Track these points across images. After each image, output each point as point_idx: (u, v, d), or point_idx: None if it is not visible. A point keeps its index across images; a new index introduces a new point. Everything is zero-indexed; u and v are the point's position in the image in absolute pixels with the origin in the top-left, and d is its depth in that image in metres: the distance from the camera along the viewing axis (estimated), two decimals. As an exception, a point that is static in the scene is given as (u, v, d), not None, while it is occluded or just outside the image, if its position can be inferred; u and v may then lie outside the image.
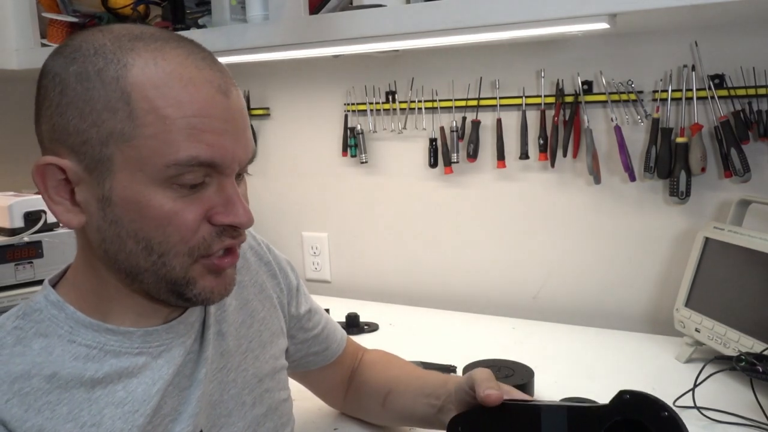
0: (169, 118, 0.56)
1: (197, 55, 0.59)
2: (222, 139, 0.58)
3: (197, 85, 0.57)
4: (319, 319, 0.89)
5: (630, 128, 1.34)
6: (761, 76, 1.21)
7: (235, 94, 0.61)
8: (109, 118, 0.56)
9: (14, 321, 0.61)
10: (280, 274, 0.84)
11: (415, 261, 1.63)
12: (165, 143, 0.56)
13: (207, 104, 0.57)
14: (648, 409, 0.58)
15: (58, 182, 0.59)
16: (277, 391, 0.78)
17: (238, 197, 0.60)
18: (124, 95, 0.55)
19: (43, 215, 1.37)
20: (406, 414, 0.86)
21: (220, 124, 0.58)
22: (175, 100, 0.56)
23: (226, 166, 0.59)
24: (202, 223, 0.60)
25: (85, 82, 0.56)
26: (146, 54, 0.57)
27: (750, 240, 1.09)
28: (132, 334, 0.63)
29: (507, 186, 1.49)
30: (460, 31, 1.11)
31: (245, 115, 0.62)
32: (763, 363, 0.92)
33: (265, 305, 0.80)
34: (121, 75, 0.56)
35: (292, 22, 1.24)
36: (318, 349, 0.89)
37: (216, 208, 0.60)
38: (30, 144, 0.67)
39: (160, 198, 0.57)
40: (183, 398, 0.66)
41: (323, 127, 1.70)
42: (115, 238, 0.59)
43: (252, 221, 0.62)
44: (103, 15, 1.51)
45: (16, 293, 1.32)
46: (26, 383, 0.57)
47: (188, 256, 0.60)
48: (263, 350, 0.77)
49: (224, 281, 0.64)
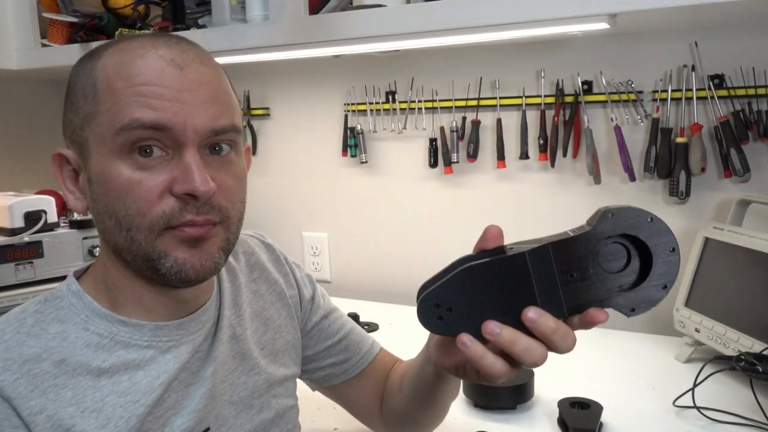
0: (120, 90, 0.59)
1: (160, 40, 0.62)
2: (171, 105, 0.59)
3: (147, 59, 0.60)
4: (337, 329, 0.86)
5: (630, 128, 1.35)
6: (761, 76, 1.21)
7: (196, 69, 0.61)
8: (84, 103, 0.61)
9: (36, 305, 0.64)
10: (296, 285, 0.84)
11: (415, 261, 1.63)
12: (115, 113, 0.59)
13: (155, 75, 0.59)
14: (634, 219, 0.55)
15: (69, 172, 0.65)
16: (285, 398, 0.79)
17: (198, 166, 0.59)
18: (92, 81, 0.61)
19: (43, 215, 1.37)
20: (413, 383, 0.78)
21: (167, 91, 0.59)
22: (125, 74, 0.59)
23: (179, 132, 0.59)
24: (164, 196, 0.60)
25: (76, 80, 0.63)
26: (119, 46, 0.62)
27: (750, 240, 1.09)
28: (143, 327, 0.65)
29: (507, 186, 1.49)
30: (460, 31, 1.11)
31: (208, 89, 0.61)
32: (762, 363, 0.92)
33: (282, 314, 0.81)
34: (94, 65, 0.62)
35: (292, 22, 1.24)
36: (335, 360, 0.85)
37: (176, 179, 0.60)
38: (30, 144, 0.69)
39: (120, 168, 0.59)
40: (187, 393, 0.67)
41: (323, 127, 1.70)
42: (98, 217, 0.63)
43: (210, 190, 0.59)
44: (103, 15, 1.51)
45: (16, 293, 1.32)
46: (36, 365, 0.59)
47: (149, 230, 0.60)
48: (276, 357, 0.78)
49: (200, 255, 0.61)
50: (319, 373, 0.86)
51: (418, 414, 0.82)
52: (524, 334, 0.55)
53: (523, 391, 1.02)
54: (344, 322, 0.88)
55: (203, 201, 0.60)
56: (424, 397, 0.77)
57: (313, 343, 0.85)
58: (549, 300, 0.57)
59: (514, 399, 1.01)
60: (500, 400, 1.01)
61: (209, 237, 0.62)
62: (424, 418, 0.83)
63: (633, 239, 0.57)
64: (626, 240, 0.57)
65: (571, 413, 0.95)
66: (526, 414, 1.01)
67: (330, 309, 0.88)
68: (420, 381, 0.75)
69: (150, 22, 1.54)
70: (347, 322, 0.89)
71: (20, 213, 1.34)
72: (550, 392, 1.06)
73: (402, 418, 0.84)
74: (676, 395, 1.00)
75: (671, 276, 0.57)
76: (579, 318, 0.57)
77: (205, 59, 0.63)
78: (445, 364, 0.67)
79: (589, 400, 0.97)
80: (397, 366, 0.89)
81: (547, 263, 0.56)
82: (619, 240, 0.57)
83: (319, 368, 0.86)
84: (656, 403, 1.02)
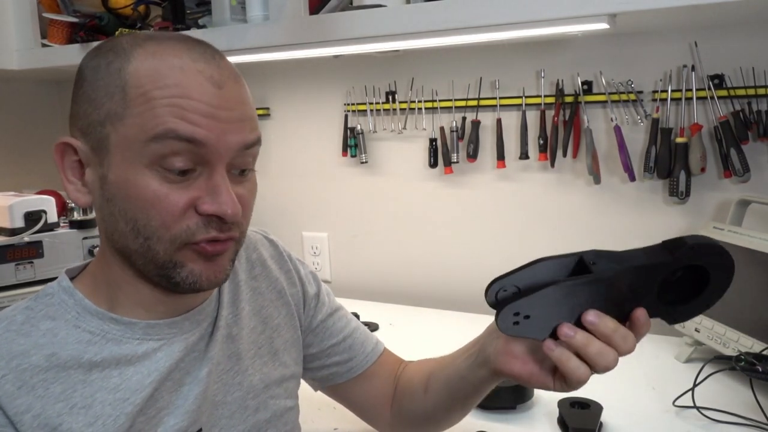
0: (156, 98, 0.58)
1: (196, 50, 0.61)
2: (207, 120, 0.59)
3: (187, 72, 0.59)
4: (342, 327, 0.86)
5: (630, 128, 1.35)
6: (761, 76, 1.21)
7: (231, 87, 0.61)
8: (108, 101, 0.60)
9: (27, 302, 0.64)
10: (299, 283, 0.84)
11: (415, 261, 1.63)
12: (148, 119, 0.58)
13: (194, 89, 0.59)
14: (712, 255, 0.60)
15: (73, 163, 0.64)
16: (284, 398, 0.78)
17: (227, 188, 0.60)
18: (122, 82, 0.59)
19: (44, 215, 1.37)
20: (451, 384, 0.78)
21: (205, 107, 0.59)
22: (163, 83, 0.59)
23: (212, 150, 0.59)
24: (188, 212, 0.60)
25: (96, 74, 0.61)
26: (150, 48, 0.60)
27: (749, 240, 1.09)
28: (135, 325, 0.65)
29: (507, 186, 1.49)
30: (460, 31, 1.11)
31: (242, 108, 0.62)
32: (762, 363, 0.92)
33: (282, 312, 0.80)
34: (123, 66, 0.60)
35: (292, 22, 1.24)
36: (339, 359, 0.85)
37: (203, 197, 0.60)
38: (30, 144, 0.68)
39: (147, 179, 0.59)
40: (180, 393, 0.66)
41: (323, 127, 1.70)
42: (110, 217, 0.62)
43: (238, 214, 0.61)
44: (103, 15, 1.51)
45: (16, 293, 1.32)
46: (25, 360, 0.59)
47: (171, 243, 0.60)
48: (273, 357, 0.78)
49: (214, 268, 0.63)
50: (323, 372, 0.86)
51: (445, 415, 0.82)
52: (596, 338, 0.60)
53: (523, 391, 1.02)
54: (349, 320, 0.88)
55: (229, 221, 0.61)
56: (463, 400, 0.78)
57: (317, 341, 0.84)
58: (611, 307, 0.61)
59: (514, 399, 1.01)
60: (500, 400, 1.01)
61: (225, 252, 0.64)
62: (448, 420, 0.83)
63: (699, 267, 0.61)
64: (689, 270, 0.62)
65: (571, 413, 0.95)
66: (526, 414, 1.01)
67: (335, 307, 0.88)
68: (464, 384, 0.75)
69: (150, 22, 1.55)
70: (352, 320, 0.89)
71: (20, 213, 1.34)
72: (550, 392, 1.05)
73: (421, 418, 0.84)
74: (676, 395, 1.00)
75: (715, 300, 0.63)
76: (629, 323, 0.62)
77: (236, 75, 0.64)
78: (514, 370, 0.67)
79: (589, 400, 0.97)
80: (408, 367, 0.89)
81: (625, 283, 0.61)
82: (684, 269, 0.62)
83: (323, 366, 0.85)
84: (656, 403, 1.02)
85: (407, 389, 0.85)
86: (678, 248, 0.60)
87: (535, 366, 0.66)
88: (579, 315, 0.60)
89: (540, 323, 0.60)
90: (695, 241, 0.60)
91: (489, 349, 0.70)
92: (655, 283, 0.61)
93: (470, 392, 0.76)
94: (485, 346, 0.71)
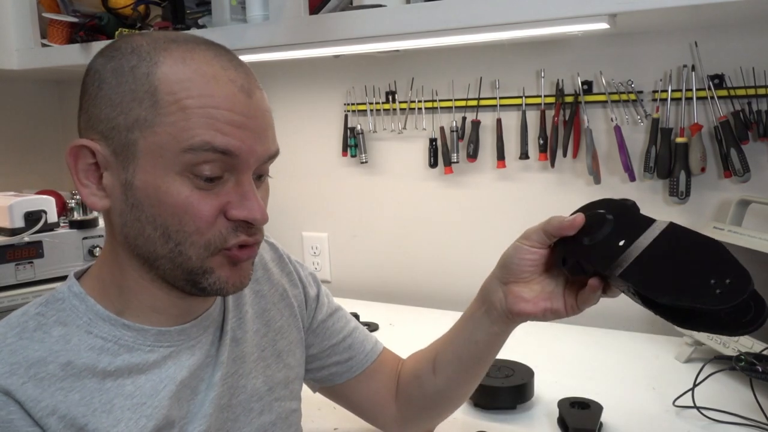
0: (189, 108, 0.58)
1: (224, 57, 0.62)
2: (239, 131, 0.60)
3: (220, 81, 0.60)
4: (341, 327, 0.87)
5: (630, 128, 1.35)
6: (761, 76, 1.21)
7: (259, 95, 0.63)
8: (136, 106, 0.59)
9: (37, 308, 0.64)
10: (300, 284, 0.84)
11: (415, 261, 1.63)
12: (183, 129, 0.58)
13: (227, 99, 0.60)
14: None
15: (88, 165, 0.62)
16: (288, 401, 0.79)
17: (254, 194, 0.62)
18: (151, 88, 0.59)
19: (43, 215, 1.37)
20: (462, 354, 0.80)
21: (238, 118, 0.60)
22: (196, 93, 0.59)
23: (242, 159, 0.61)
24: (218, 218, 0.61)
25: (119, 77, 0.60)
26: (177, 53, 0.60)
27: (750, 240, 1.09)
28: (146, 332, 0.65)
29: (507, 186, 1.49)
30: (460, 31, 1.11)
31: (267, 116, 0.64)
32: (762, 363, 0.92)
33: (284, 314, 0.81)
34: (151, 71, 0.59)
35: (292, 22, 1.24)
36: (339, 359, 0.86)
37: (232, 203, 0.62)
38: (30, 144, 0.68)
39: (178, 186, 0.60)
40: (196, 401, 0.67)
41: (323, 127, 1.70)
42: (134, 223, 0.62)
43: (266, 219, 0.63)
44: (103, 15, 1.51)
45: (16, 293, 1.32)
46: (42, 369, 0.59)
47: (204, 248, 0.61)
48: (277, 359, 0.78)
49: (240, 273, 0.65)
50: (323, 372, 0.86)
51: (459, 389, 0.84)
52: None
53: (523, 391, 1.02)
54: (348, 320, 0.89)
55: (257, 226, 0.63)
56: (477, 365, 0.81)
57: (318, 341, 0.85)
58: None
59: (514, 399, 1.01)
60: (500, 400, 1.01)
61: (252, 256, 0.66)
62: (464, 393, 0.86)
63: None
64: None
65: (571, 413, 0.95)
66: (526, 414, 1.01)
67: (335, 307, 0.88)
68: (478, 348, 0.79)
69: (150, 22, 1.55)
70: (351, 320, 0.89)
71: (20, 213, 1.34)
72: (550, 392, 1.06)
73: (434, 401, 0.85)
74: (676, 395, 1.00)
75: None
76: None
77: (257, 82, 0.65)
78: (529, 311, 0.73)
79: (589, 400, 0.97)
80: (407, 360, 0.90)
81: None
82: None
83: (323, 367, 0.86)
84: (656, 403, 1.02)
85: (413, 377, 0.86)
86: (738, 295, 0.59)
87: (545, 302, 0.72)
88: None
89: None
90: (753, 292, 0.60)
91: (497, 304, 0.75)
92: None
93: (485, 354, 0.80)
94: (491, 305, 0.76)
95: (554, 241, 0.72)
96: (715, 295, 0.59)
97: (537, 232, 0.72)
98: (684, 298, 0.59)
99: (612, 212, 0.70)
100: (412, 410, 0.87)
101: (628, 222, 0.69)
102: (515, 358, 1.08)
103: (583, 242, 0.69)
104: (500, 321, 0.76)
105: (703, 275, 0.60)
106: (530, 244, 0.73)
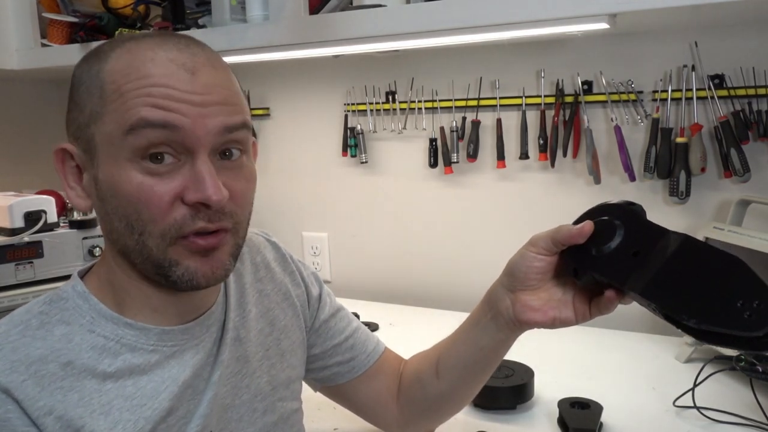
0: (128, 92, 0.59)
1: (170, 42, 0.61)
2: (179, 104, 0.58)
3: (157, 63, 0.59)
4: (343, 327, 0.87)
5: (630, 128, 1.35)
6: (761, 76, 1.21)
7: (207, 72, 0.60)
8: (89, 102, 0.61)
9: (41, 306, 0.64)
10: (302, 284, 0.84)
11: (415, 261, 1.63)
12: (123, 113, 0.58)
13: (164, 77, 0.58)
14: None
15: (72, 169, 0.64)
16: (290, 401, 0.79)
17: (210, 173, 0.59)
18: (99, 82, 0.60)
19: (43, 215, 1.37)
20: (467, 359, 0.80)
21: (178, 93, 0.58)
22: (135, 77, 0.59)
23: (191, 135, 0.58)
24: (176, 204, 0.59)
25: (80, 79, 0.63)
26: (126, 47, 0.61)
27: (750, 240, 1.09)
28: (149, 331, 0.64)
29: (507, 186, 1.49)
30: (460, 31, 1.11)
31: (220, 90, 0.61)
32: (762, 363, 0.92)
33: (288, 314, 0.80)
34: (101, 68, 0.61)
35: (292, 22, 1.24)
36: (341, 359, 0.85)
37: (188, 186, 0.59)
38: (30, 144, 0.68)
39: (130, 173, 0.59)
40: (198, 400, 0.67)
41: (323, 127, 1.70)
42: (105, 217, 0.62)
43: (223, 200, 0.59)
44: (103, 15, 1.51)
45: (16, 293, 1.32)
46: (43, 367, 0.59)
47: (161, 238, 0.60)
48: (280, 359, 0.78)
49: (211, 264, 0.62)
50: (325, 372, 0.86)
51: (462, 393, 0.84)
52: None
53: (523, 391, 1.02)
54: (350, 320, 0.88)
55: (215, 209, 0.60)
56: (482, 370, 0.81)
57: (320, 341, 0.85)
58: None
59: (514, 399, 1.01)
60: (500, 400, 1.01)
61: (220, 245, 0.62)
62: (466, 397, 0.85)
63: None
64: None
65: (571, 413, 0.95)
66: (526, 414, 1.01)
67: (337, 307, 0.88)
68: (483, 353, 0.78)
69: (150, 22, 1.55)
70: (353, 320, 0.89)
71: (20, 213, 1.34)
72: (550, 392, 1.05)
73: (437, 404, 0.85)
74: (676, 395, 1.00)
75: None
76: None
77: (216, 62, 0.63)
78: (537, 320, 0.72)
79: (589, 400, 0.97)
80: (409, 361, 0.89)
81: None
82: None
83: (325, 367, 0.85)
84: (656, 403, 1.02)
85: (416, 380, 0.86)
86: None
87: (554, 311, 0.71)
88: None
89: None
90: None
91: (503, 312, 0.74)
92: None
93: (490, 359, 0.79)
94: (497, 312, 0.75)
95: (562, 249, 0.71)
96: (743, 319, 0.57)
97: (544, 240, 0.71)
98: (713, 321, 0.58)
99: (620, 219, 0.68)
100: (414, 411, 0.87)
101: (639, 230, 0.67)
102: (515, 358, 1.08)
103: (593, 252, 0.67)
104: (507, 328, 0.75)
105: (728, 296, 0.59)
106: (537, 251, 0.71)
